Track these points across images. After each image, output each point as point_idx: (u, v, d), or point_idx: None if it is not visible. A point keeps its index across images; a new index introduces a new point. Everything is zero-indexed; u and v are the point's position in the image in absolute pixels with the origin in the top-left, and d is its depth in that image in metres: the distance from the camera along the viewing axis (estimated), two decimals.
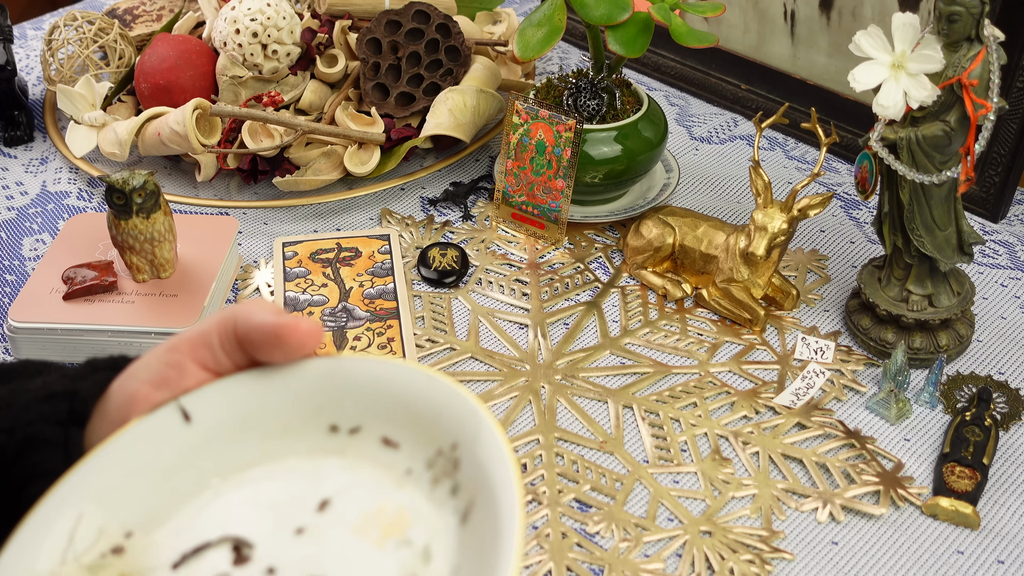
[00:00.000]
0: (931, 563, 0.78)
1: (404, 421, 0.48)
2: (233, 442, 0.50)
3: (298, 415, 0.50)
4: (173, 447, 0.50)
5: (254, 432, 0.50)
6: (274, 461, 0.50)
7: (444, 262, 1.03)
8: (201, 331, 0.51)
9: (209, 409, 0.50)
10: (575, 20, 1.32)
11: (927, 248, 0.89)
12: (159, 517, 0.49)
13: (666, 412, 0.89)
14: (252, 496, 0.49)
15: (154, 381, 0.50)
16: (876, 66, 0.84)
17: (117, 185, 0.93)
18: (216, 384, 0.51)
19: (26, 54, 1.38)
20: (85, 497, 0.49)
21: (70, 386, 0.51)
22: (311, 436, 0.50)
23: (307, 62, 1.16)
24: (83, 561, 0.48)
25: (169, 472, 0.50)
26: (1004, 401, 0.90)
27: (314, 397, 0.50)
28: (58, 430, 0.50)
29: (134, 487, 0.50)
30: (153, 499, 0.50)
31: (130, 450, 0.50)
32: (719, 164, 1.18)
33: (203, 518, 0.49)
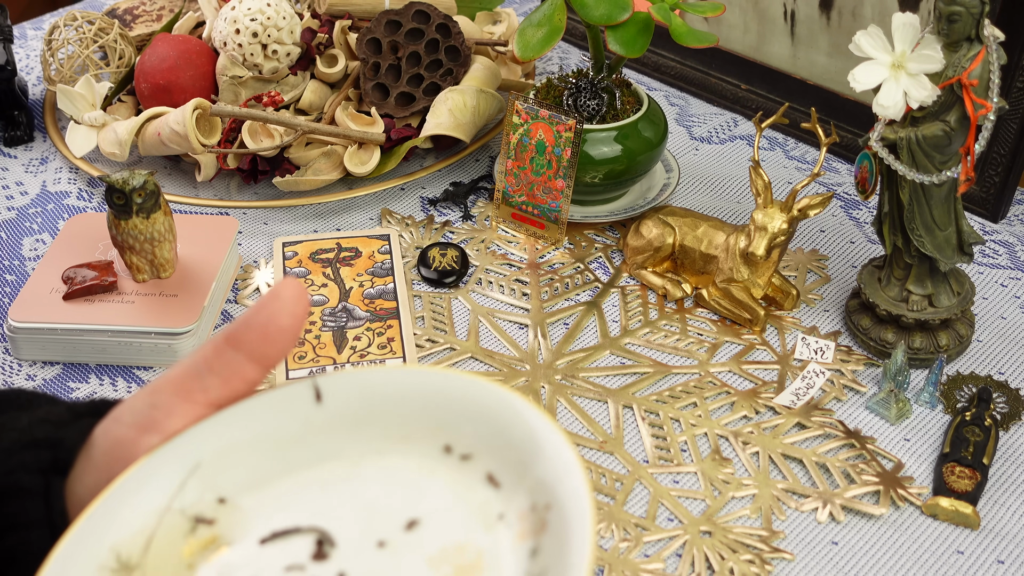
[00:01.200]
0: (931, 563, 0.78)
1: (511, 463, 0.47)
2: (353, 433, 0.50)
3: (420, 426, 0.49)
4: (298, 422, 0.50)
5: (376, 430, 0.50)
6: (384, 464, 0.49)
7: (444, 262, 1.03)
8: (186, 364, 0.49)
9: (341, 395, 0.50)
10: (575, 20, 1.32)
11: (927, 248, 0.89)
12: (262, 487, 0.49)
13: (666, 412, 0.89)
14: (353, 493, 0.48)
15: (140, 424, 0.49)
16: (876, 66, 0.84)
17: (117, 185, 0.93)
18: (353, 372, 0.50)
19: (26, 54, 1.38)
20: (206, 449, 0.49)
21: (53, 434, 0.50)
22: (425, 450, 0.49)
23: (307, 62, 1.16)
24: (188, 512, 0.49)
25: (286, 446, 0.50)
26: (1004, 401, 0.90)
27: (438, 412, 0.49)
28: (39, 479, 0.48)
29: (251, 451, 0.50)
30: (264, 469, 0.50)
31: (257, 415, 0.50)
32: (719, 164, 1.18)
33: (302, 500, 0.49)
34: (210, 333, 0.97)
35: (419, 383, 0.49)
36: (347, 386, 0.50)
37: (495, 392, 0.47)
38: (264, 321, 0.48)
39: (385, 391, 0.50)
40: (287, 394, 0.50)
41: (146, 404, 0.49)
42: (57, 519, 0.48)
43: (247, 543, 0.47)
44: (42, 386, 0.93)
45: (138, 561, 0.48)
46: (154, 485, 0.49)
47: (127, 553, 0.48)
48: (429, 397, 0.49)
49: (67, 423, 0.51)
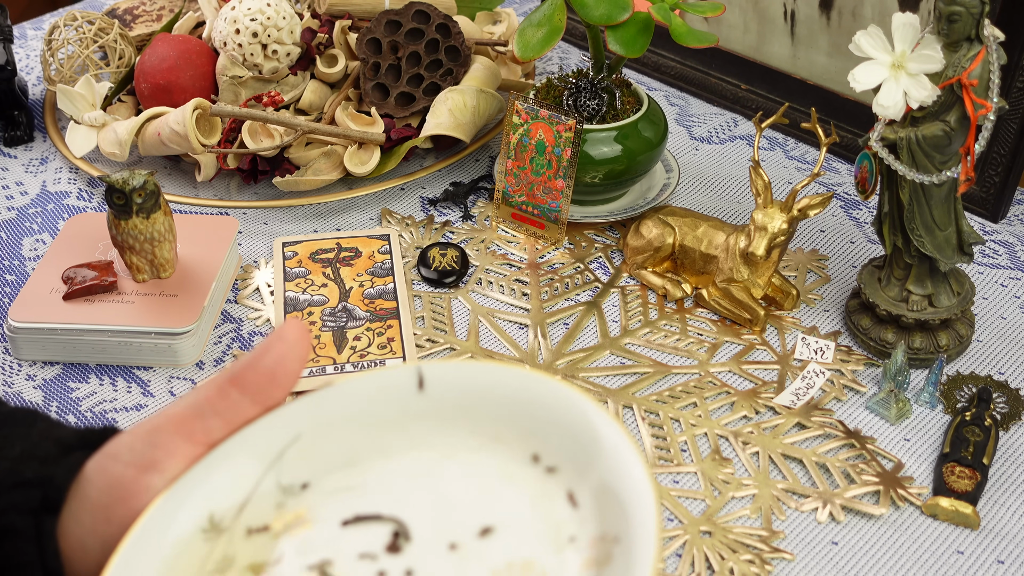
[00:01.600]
0: (931, 563, 0.78)
1: (594, 486, 0.46)
2: (448, 426, 0.50)
3: (512, 428, 0.49)
4: (397, 407, 0.50)
5: (470, 425, 0.50)
6: (472, 461, 0.49)
7: (444, 262, 1.03)
8: (188, 403, 0.49)
9: (442, 385, 0.50)
10: (575, 20, 1.32)
11: (927, 248, 0.89)
12: (353, 467, 0.50)
13: (666, 412, 0.89)
14: (437, 487, 0.48)
15: (139, 464, 0.47)
16: (876, 66, 0.84)
17: (117, 185, 0.93)
18: (457, 364, 0.51)
19: (26, 54, 1.38)
20: (307, 420, 0.50)
21: (41, 471, 0.49)
22: (513, 455, 0.49)
23: (307, 62, 1.16)
24: (282, 481, 0.49)
25: (382, 429, 0.50)
26: (1004, 401, 0.90)
27: (533, 418, 0.49)
28: (29, 520, 0.47)
29: (349, 430, 0.50)
30: (358, 449, 0.50)
31: (359, 395, 0.50)
32: (719, 164, 1.18)
33: (388, 487, 0.49)
34: (210, 333, 0.97)
35: (520, 385, 0.49)
36: (449, 377, 0.50)
37: (593, 411, 0.47)
38: (271, 365, 0.48)
39: (485, 388, 0.50)
40: (391, 378, 0.51)
41: (146, 443, 0.48)
42: (50, 561, 0.47)
43: (330, 523, 0.48)
44: (42, 386, 0.93)
45: (229, 525, 0.48)
46: (255, 451, 0.49)
47: (220, 515, 0.49)
48: (527, 401, 0.49)
49: (55, 458, 0.49)
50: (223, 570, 0.47)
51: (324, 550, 0.47)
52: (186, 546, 0.47)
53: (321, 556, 0.46)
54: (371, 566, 0.45)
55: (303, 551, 0.47)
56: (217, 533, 0.48)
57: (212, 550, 0.48)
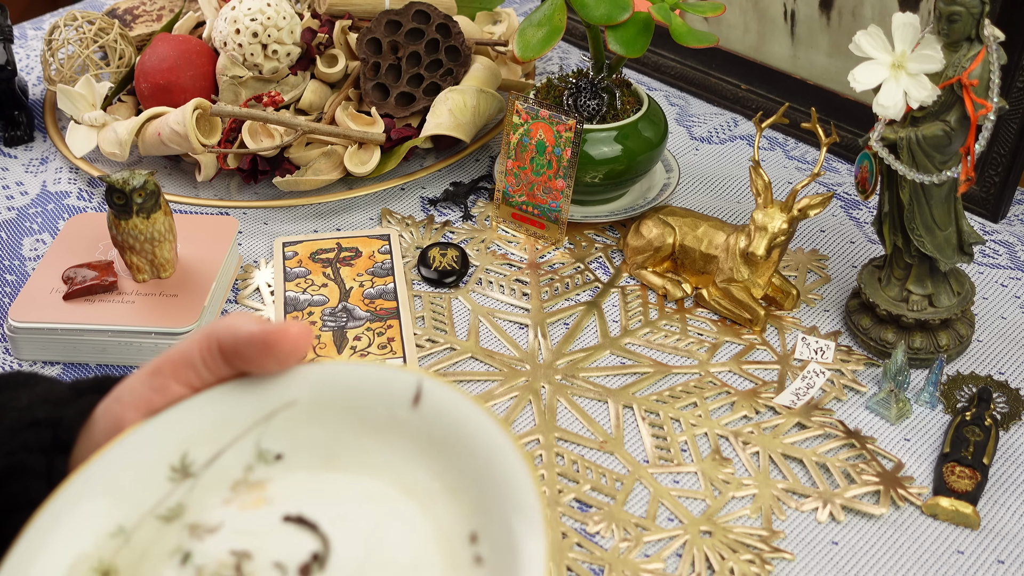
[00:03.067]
0: (931, 563, 0.78)
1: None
2: (422, 456, 0.49)
3: (471, 491, 0.47)
4: (386, 414, 0.50)
5: (440, 465, 0.48)
6: (421, 511, 0.48)
7: (444, 262, 1.03)
8: (182, 351, 0.50)
9: (434, 410, 0.49)
10: (575, 20, 1.32)
11: (927, 248, 0.89)
12: (328, 460, 0.50)
13: (666, 412, 0.89)
14: (381, 523, 0.47)
15: (138, 406, 0.49)
16: (876, 66, 0.84)
17: (117, 185, 0.93)
18: (455, 394, 0.49)
19: (26, 54, 1.38)
20: (306, 391, 0.50)
21: (53, 413, 0.50)
22: (459, 520, 0.47)
23: (307, 62, 1.16)
24: (262, 443, 0.50)
25: (366, 432, 0.50)
26: (1004, 401, 0.90)
27: (494, 492, 0.47)
28: (41, 459, 0.49)
29: (339, 417, 0.50)
30: (339, 442, 0.50)
31: (359, 386, 0.50)
32: (719, 164, 1.18)
33: (342, 499, 0.48)
34: None
35: (499, 451, 0.47)
36: (443, 404, 0.49)
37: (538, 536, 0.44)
38: (247, 356, 0.49)
39: (470, 434, 0.48)
40: (392, 379, 0.50)
41: (147, 386, 0.50)
42: None
43: (274, 512, 0.48)
44: None
45: (197, 471, 0.49)
46: (247, 405, 0.50)
47: (192, 458, 0.49)
48: (499, 470, 0.47)
49: (67, 401, 0.51)
50: (170, 518, 0.48)
51: (254, 540, 0.47)
52: (149, 479, 0.48)
53: (246, 545, 0.47)
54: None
55: (239, 530, 0.47)
56: (184, 476, 0.49)
57: (171, 493, 0.48)
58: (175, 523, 0.48)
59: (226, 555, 0.46)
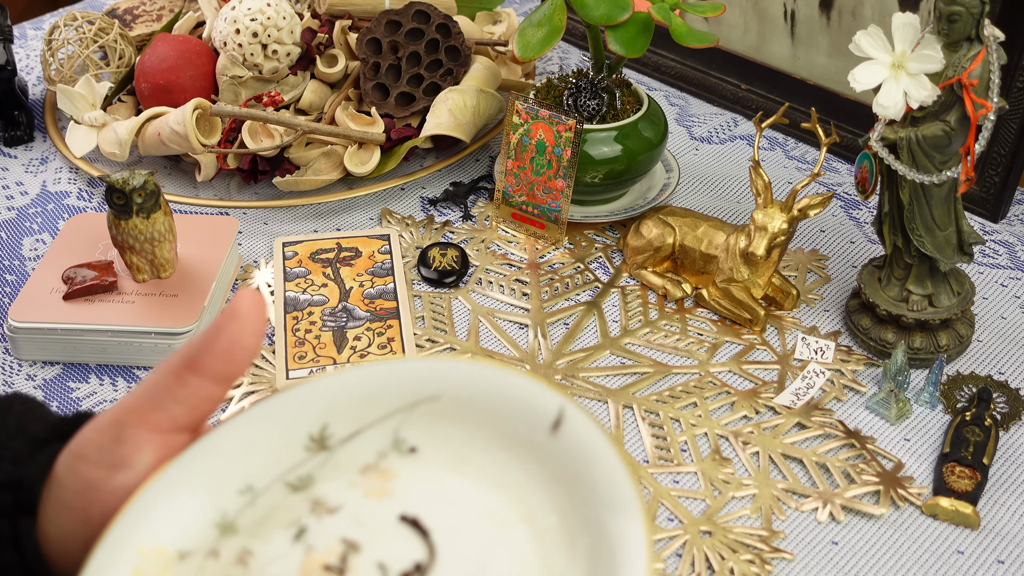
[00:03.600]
0: (931, 563, 0.78)
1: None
2: (550, 485, 0.47)
3: (587, 537, 0.46)
4: (524, 434, 0.48)
5: (564, 501, 0.47)
6: (538, 547, 0.46)
7: (444, 262, 1.03)
8: (146, 394, 0.46)
9: (571, 442, 0.47)
10: (575, 20, 1.32)
11: (927, 248, 0.89)
12: (458, 464, 0.49)
13: (666, 412, 0.89)
14: (493, 546, 0.46)
15: (108, 463, 0.46)
16: (876, 66, 0.84)
17: (117, 185, 0.93)
18: (596, 431, 0.47)
19: (26, 54, 1.38)
20: (450, 387, 0.49)
21: (11, 474, 0.47)
22: (569, 564, 0.46)
23: (307, 62, 1.16)
24: (400, 433, 0.49)
25: (502, 444, 0.49)
26: (1004, 401, 0.90)
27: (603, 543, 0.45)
28: (5, 524, 0.46)
29: (477, 420, 0.49)
30: (473, 446, 0.49)
31: (504, 394, 0.49)
32: (719, 164, 1.18)
33: (461, 510, 0.47)
34: None
35: (620, 498, 0.45)
36: (581, 437, 0.47)
37: None
38: (226, 346, 0.46)
39: (598, 476, 0.46)
40: (537, 397, 0.48)
41: (111, 439, 0.46)
42: (32, 562, 0.46)
43: (394, 507, 0.47)
44: (42, 386, 0.93)
45: (333, 445, 0.48)
46: (394, 389, 0.49)
47: (331, 431, 0.49)
48: (617, 530, 0.45)
49: (26, 458, 0.48)
50: (298, 488, 0.48)
51: (367, 532, 0.46)
52: (286, 443, 0.48)
53: (359, 536, 0.46)
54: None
55: (356, 518, 0.47)
56: (320, 448, 0.49)
57: (305, 462, 0.48)
58: (301, 494, 0.47)
59: (337, 542, 0.46)
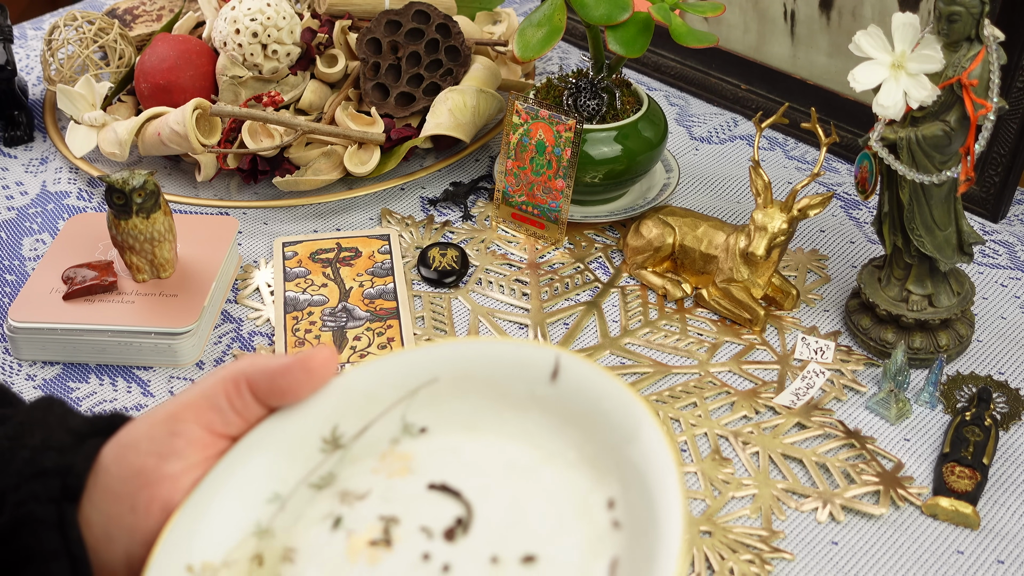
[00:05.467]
0: (931, 563, 0.78)
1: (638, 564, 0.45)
2: (560, 428, 0.50)
3: (610, 461, 0.49)
4: (526, 389, 0.51)
5: (579, 436, 0.50)
6: (564, 477, 0.49)
7: (444, 262, 1.03)
8: (203, 394, 0.50)
9: (572, 384, 0.51)
10: (575, 20, 1.32)
11: (927, 248, 0.89)
12: (467, 434, 0.51)
13: (666, 412, 0.89)
14: (521, 490, 0.49)
15: (160, 453, 0.49)
16: (876, 66, 0.84)
17: (117, 185, 0.93)
18: (593, 368, 0.51)
19: (26, 54, 1.38)
20: (447, 368, 0.52)
21: (60, 461, 0.49)
22: (598, 488, 0.49)
23: (307, 62, 1.16)
24: (407, 418, 0.52)
25: (505, 406, 0.51)
26: (1004, 401, 0.90)
27: (632, 461, 0.48)
28: (51, 509, 0.48)
29: (479, 393, 0.52)
30: (480, 415, 0.52)
31: (497, 361, 0.52)
32: (719, 164, 1.18)
33: (483, 468, 0.50)
34: (210, 333, 0.97)
35: (637, 425, 0.48)
36: (581, 378, 0.51)
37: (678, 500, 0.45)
38: (284, 387, 0.50)
39: (608, 409, 0.50)
40: (530, 355, 0.52)
41: (165, 431, 0.49)
42: (75, 549, 0.48)
43: (420, 480, 0.50)
44: (42, 386, 0.93)
45: (347, 443, 0.51)
46: (392, 381, 0.52)
47: (342, 430, 0.51)
48: (634, 443, 0.48)
49: (71, 448, 0.50)
50: (321, 486, 0.50)
51: (401, 505, 0.49)
52: (302, 450, 0.50)
53: (395, 510, 0.49)
54: (423, 543, 0.47)
55: (386, 497, 0.49)
56: (334, 447, 0.51)
57: (323, 463, 0.51)
58: (326, 491, 0.50)
59: (375, 520, 0.49)
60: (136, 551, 0.48)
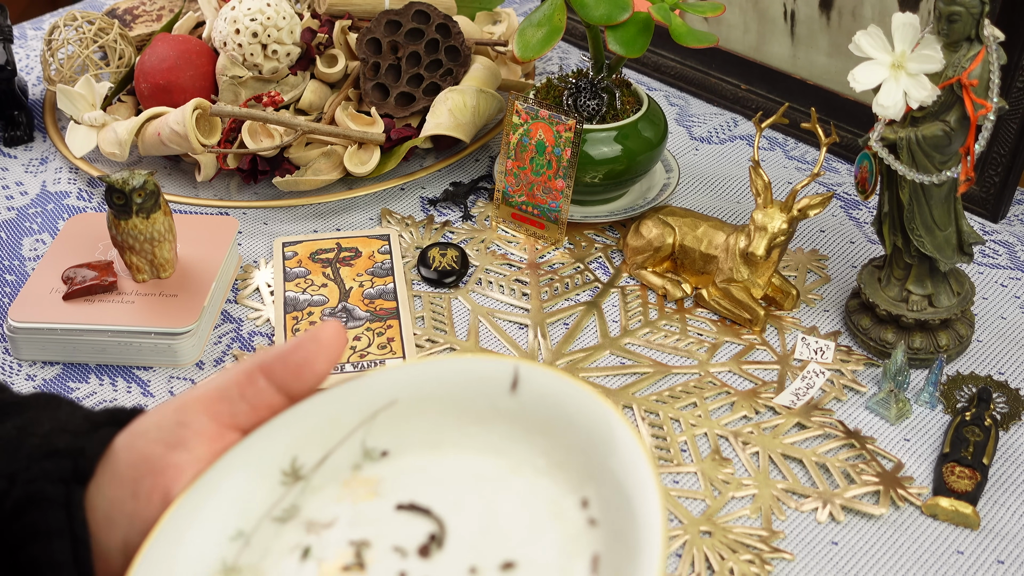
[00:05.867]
0: (931, 563, 0.78)
1: (618, 561, 0.46)
2: (526, 437, 0.50)
3: (578, 463, 0.49)
4: (487, 402, 0.51)
5: (544, 444, 0.50)
6: (533, 484, 0.49)
7: (444, 262, 1.03)
8: (215, 386, 0.50)
9: (534, 393, 0.50)
10: (575, 20, 1.32)
11: (927, 248, 0.89)
12: (430, 452, 0.51)
13: (666, 412, 0.89)
14: (491, 500, 0.49)
15: (168, 442, 0.49)
16: (876, 66, 0.84)
17: (117, 185, 0.93)
18: (552, 375, 0.51)
19: (26, 54, 1.38)
20: (404, 388, 0.51)
21: (73, 443, 0.50)
22: (570, 489, 0.49)
23: (307, 62, 1.16)
24: (367, 443, 0.51)
25: (467, 421, 0.51)
26: (1004, 401, 0.90)
27: (599, 461, 0.48)
28: (60, 488, 0.49)
29: (438, 411, 0.51)
30: (442, 432, 0.51)
31: (455, 378, 0.51)
32: (719, 164, 1.18)
33: (451, 483, 0.50)
34: (210, 333, 0.97)
35: (601, 424, 0.48)
36: (542, 386, 0.50)
37: (653, 492, 0.46)
38: (299, 361, 0.50)
39: (570, 411, 0.49)
40: (489, 369, 0.51)
41: (174, 421, 0.49)
42: (78, 529, 0.48)
43: (387, 503, 0.49)
44: (42, 386, 0.93)
45: (307, 473, 0.51)
46: (351, 406, 0.51)
47: (301, 461, 0.51)
48: (601, 443, 0.48)
49: (86, 432, 0.51)
50: (285, 519, 0.50)
51: (370, 529, 0.49)
52: (262, 485, 0.50)
53: (364, 534, 0.48)
54: (398, 563, 0.47)
55: (354, 522, 0.49)
56: (295, 479, 0.50)
57: (284, 496, 0.50)
58: (291, 523, 0.50)
59: (345, 545, 0.48)
60: (134, 539, 0.48)
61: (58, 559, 0.48)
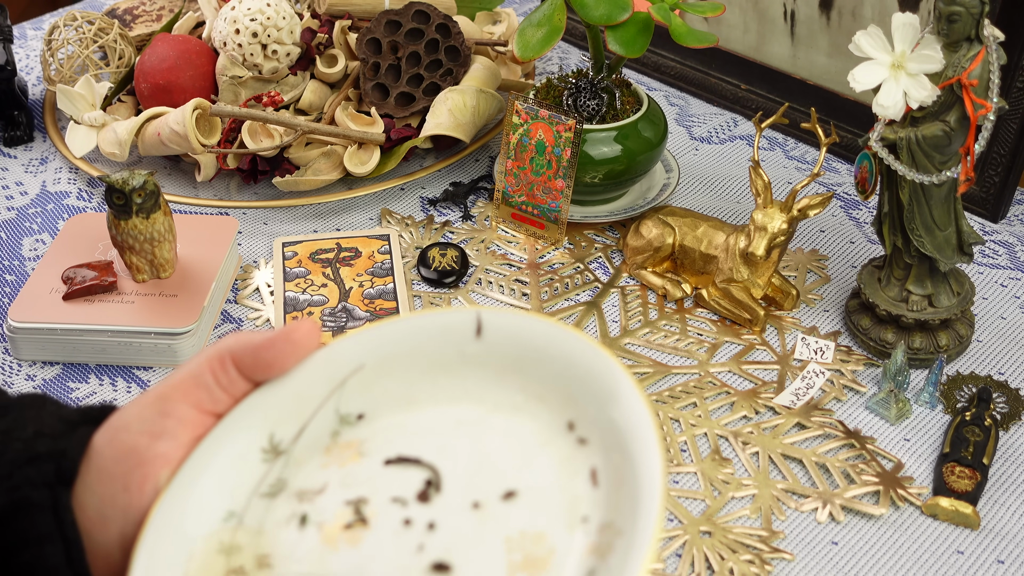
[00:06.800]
0: (931, 563, 0.78)
1: (616, 468, 0.46)
2: (499, 379, 0.51)
3: (556, 391, 0.50)
4: (454, 351, 0.52)
5: (518, 381, 0.51)
6: (513, 420, 0.50)
7: (444, 262, 1.03)
8: (190, 373, 0.50)
9: (499, 334, 0.51)
10: (575, 20, 1.32)
11: (927, 248, 0.89)
12: (406, 408, 0.52)
13: (666, 412, 0.89)
14: (477, 440, 0.50)
15: (153, 432, 0.49)
16: (876, 66, 0.84)
17: (117, 185, 0.93)
18: (515, 314, 0.52)
19: (26, 54, 1.38)
20: (369, 352, 0.52)
21: (53, 446, 0.50)
22: (552, 418, 0.50)
23: (307, 62, 1.16)
24: (341, 409, 0.52)
25: (438, 372, 0.52)
26: (1004, 401, 0.90)
27: (577, 384, 0.49)
28: (45, 493, 0.49)
29: (408, 367, 0.52)
30: (413, 389, 0.52)
31: (421, 333, 0.52)
32: (719, 164, 1.18)
33: (434, 432, 0.51)
34: (210, 333, 0.97)
35: (571, 349, 0.50)
36: (506, 328, 0.51)
37: (635, 398, 0.47)
38: (269, 359, 0.51)
39: (538, 346, 0.51)
40: (451, 320, 0.52)
41: (155, 412, 0.50)
42: (68, 531, 0.48)
43: (375, 459, 0.50)
44: (42, 386, 0.93)
45: (287, 447, 0.51)
46: (320, 376, 0.52)
47: (279, 437, 0.51)
48: (574, 365, 0.49)
49: (64, 434, 0.51)
50: (274, 494, 0.50)
51: (363, 487, 0.49)
52: (245, 464, 0.50)
53: (359, 493, 0.49)
54: (400, 512, 0.48)
55: (346, 484, 0.50)
56: (275, 455, 0.51)
57: (268, 472, 0.51)
58: (281, 496, 0.50)
59: (341, 506, 0.49)
60: (130, 531, 0.49)
61: (52, 563, 0.48)
